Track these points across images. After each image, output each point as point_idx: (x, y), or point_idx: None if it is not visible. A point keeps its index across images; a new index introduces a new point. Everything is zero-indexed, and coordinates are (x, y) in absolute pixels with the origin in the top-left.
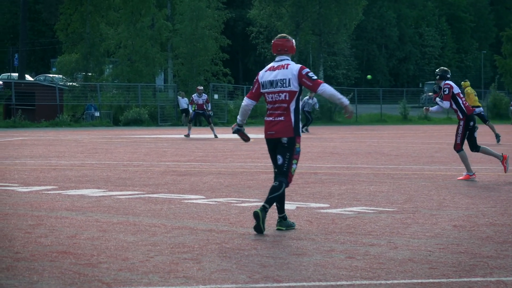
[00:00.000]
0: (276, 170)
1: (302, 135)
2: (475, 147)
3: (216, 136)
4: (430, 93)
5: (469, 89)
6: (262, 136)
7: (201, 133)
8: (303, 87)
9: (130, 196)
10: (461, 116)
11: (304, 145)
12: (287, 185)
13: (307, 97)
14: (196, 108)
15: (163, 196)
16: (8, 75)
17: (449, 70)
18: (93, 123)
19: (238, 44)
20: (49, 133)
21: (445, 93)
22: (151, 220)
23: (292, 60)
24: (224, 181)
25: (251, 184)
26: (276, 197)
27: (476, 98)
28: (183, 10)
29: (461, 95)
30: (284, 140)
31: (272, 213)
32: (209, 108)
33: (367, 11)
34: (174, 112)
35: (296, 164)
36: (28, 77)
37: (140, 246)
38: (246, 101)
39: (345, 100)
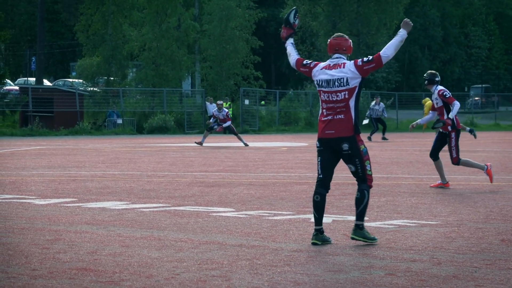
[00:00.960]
0: (321, 177)
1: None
2: (434, 155)
3: (246, 145)
4: (476, 98)
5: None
6: (296, 144)
7: (230, 142)
8: (363, 83)
9: (155, 209)
10: (449, 128)
11: None
12: (370, 187)
13: (373, 103)
14: (218, 121)
15: (189, 209)
16: (25, 80)
17: (437, 73)
18: (115, 131)
19: (271, 45)
20: (68, 141)
21: (446, 96)
22: (177, 235)
23: None
24: (255, 193)
25: (284, 196)
26: (365, 208)
27: None
28: (212, 10)
29: None
30: (345, 147)
31: (307, 227)
32: (228, 124)
33: (409, 10)
34: (202, 118)
35: (370, 164)
36: (46, 82)
37: (165, 262)
38: (293, 58)
39: (402, 35)
